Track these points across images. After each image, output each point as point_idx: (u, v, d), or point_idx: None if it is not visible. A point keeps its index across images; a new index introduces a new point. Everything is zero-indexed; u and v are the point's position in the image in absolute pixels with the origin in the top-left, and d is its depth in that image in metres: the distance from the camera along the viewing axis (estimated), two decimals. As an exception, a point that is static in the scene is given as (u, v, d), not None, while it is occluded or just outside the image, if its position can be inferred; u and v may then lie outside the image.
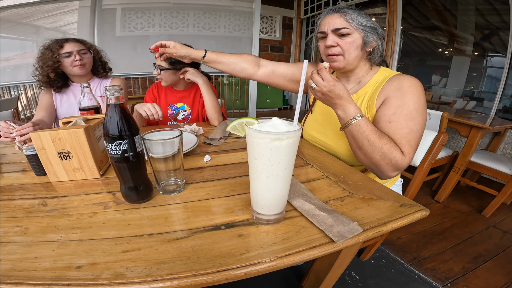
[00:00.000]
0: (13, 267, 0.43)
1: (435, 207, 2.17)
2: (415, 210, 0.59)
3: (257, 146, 0.49)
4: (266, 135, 0.47)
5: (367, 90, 0.97)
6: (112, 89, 0.54)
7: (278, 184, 0.52)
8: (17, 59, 3.25)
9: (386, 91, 0.89)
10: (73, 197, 0.66)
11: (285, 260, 0.45)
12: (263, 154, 0.49)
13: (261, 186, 0.53)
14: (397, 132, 0.81)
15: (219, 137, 1.13)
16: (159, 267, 0.43)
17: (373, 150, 0.80)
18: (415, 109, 0.82)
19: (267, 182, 0.52)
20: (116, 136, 0.55)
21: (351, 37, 0.91)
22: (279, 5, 4.98)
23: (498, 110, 2.77)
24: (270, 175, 0.51)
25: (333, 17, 0.92)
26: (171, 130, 0.67)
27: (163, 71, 1.43)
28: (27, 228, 0.54)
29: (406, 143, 0.80)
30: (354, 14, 0.90)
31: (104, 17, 3.31)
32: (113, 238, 0.50)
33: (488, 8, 2.85)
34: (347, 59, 0.94)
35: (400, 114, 0.82)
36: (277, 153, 0.49)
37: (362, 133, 0.80)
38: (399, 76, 0.91)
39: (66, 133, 0.70)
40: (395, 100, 0.85)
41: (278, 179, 0.52)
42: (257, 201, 0.55)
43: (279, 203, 0.55)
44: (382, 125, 0.84)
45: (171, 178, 0.67)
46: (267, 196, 0.53)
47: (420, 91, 0.85)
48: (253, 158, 0.51)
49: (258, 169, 0.52)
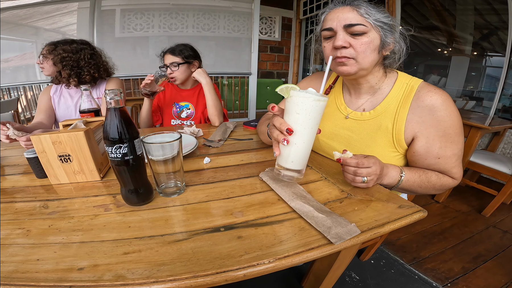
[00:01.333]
0: (16, 269, 0.44)
1: (434, 207, 2.17)
2: (413, 212, 0.60)
3: (302, 103, 0.61)
4: (311, 94, 0.60)
5: (388, 105, 0.83)
6: (112, 93, 0.55)
7: (310, 138, 0.64)
8: (16, 61, 3.25)
9: (418, 116, 0.79)
10: (74, 200, 0.67)
11: (283, 262, 0.45)
12: (305, 109, 0.61)
13: (297, 139, 0.63)
14: (446, 165, 0.80)
15: (218, 139, 1.14)
16: (160, 269, 0.43)
17: (428, 190, 0.82)
18: (456, 133, 0.78)
19: (303, 134, 0.63)
20: (116, 139, 0.56)
21: (368, 36, 0.73)
22: (278, 6, 4.98)
23: (497, 109, 2.77)
24: (307, 127, 0.62)
25: (344, 10, 0.74)
26: (171, 132, 0.68)
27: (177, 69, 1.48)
28: (29, 230, 0.54)
29: (456, 170, 0.81)
30: (369, 8, 0.73)
31: (103, 18, 3.31)
32: (114, 240, 0.51)
33: (487, 8, 2.86)
34: (360, 64, 0.76)
35: (446, 147, 0.78)
36: (315, 110, 0.61)
37: (412, 184, 0.79)
38: (427, 92, 0.78)
39: (67, 136, 0.70)
40: (434, 130, 0.77)
41: (310, 133, 0.63)
42: (289, 155, 0.65)
43: (306, 157, 0.66)
44: (432, 162, 0.80)
45: (171, 181, 0.67)
46: (300, 148, 0.64)
47: (453, 108, 0.77)
48: (295, 113, 0.62)
49: (298, 122, 0.62)
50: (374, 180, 0.69)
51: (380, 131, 0.84)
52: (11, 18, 3.03)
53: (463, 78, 3.18)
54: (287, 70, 5.16)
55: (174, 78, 1.51)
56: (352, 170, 0.68)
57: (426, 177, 0.79)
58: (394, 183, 0.77)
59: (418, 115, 0.79)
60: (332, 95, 0.99)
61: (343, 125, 0.92)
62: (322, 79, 1.11)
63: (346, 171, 0.70)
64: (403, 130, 0.81)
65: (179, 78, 1.53)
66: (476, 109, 3.05)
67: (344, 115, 0.92)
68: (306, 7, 4.76)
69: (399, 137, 0.82)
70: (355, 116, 0.89)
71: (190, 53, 1.52)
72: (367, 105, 0.88)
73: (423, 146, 0.79)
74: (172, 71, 1.48)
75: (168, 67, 1.48)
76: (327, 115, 0.97)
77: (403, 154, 0.85)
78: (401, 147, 0.83)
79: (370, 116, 0.86)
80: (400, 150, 0.84)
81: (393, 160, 0.85)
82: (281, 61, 5.17)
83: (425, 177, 0.79)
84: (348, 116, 0.91)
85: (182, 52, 1.48)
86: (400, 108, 0.81)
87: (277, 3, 4.90)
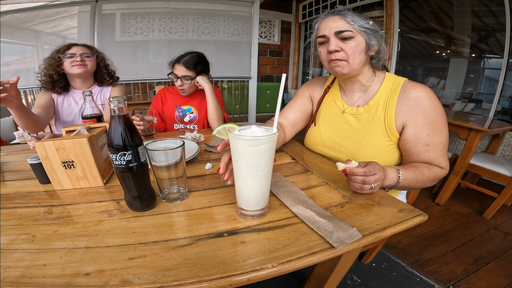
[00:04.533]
0: (23, 274, 0.44)
1: (435, 209, 2.18)
2: (414, 215, 0.60)
3: (237, 150, 0.55)
4: (243, 140, 0.53)
5: (379, 99, 0.94)
6: (116, 101, 0.55)
7: (257, 184, 0.58)
8: (17, 64, 3.26)
9: (406, 107, 0.88)
10: (78, 205, 0.68)
11: (286, 266, 0.46)
12: (242, 157, 0.55)
13: (241, 185, 0.59)
14: (435, 152, 0.88)
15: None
16: (165, 274, 0.44)
17: (424, 184, 0.88)
18: (441, 122, 0.87)
19: (246, 182, 0.58)
20: (120, 147, 0.57)
21: (355, 40, 0.86)
22: (278, 10, 5.01)
23: (496, 111, 2.78)
24: (249, 176, 0.57)
25: (333, 19, 0.87)
26: (173, 139, 0.69)
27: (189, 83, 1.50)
28: (34, 236, 0.55)
29: (443, 159, 0.89)
30: (354, 16, 0.86)
31: (104, 22, 3.32)
32: (119, 245, 0.51)
33: (484, 10, 2.87)
34: (351, 65, 0.89)
35: (433, 134, 0.87)
36: (254, 157, 0.54)
37: (410, 181, 0.84)
38: (412, 86, 0.89)
39: (70, 143, 0.71)
40: (421, 119, 0.87)
41: (256, 180, 0.57)
42: (240, 198, 0.61)
43: (259, 200, 0.60)
44: (422, 150, 0.88)
45: (174, 186, 0.68)
46: (248, 194, 0.59)
47: (436, 99, 0.87)
48: (235, 160, 0.58)
49: (239, 170, 0.58)
50: (379, 185, 0.72)
51: (373, 122, 0.94)
52: (12, 22, 3.04)
53: (462, 80, 3.19)
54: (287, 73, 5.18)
55: (183, 90, 1.52)
56: (361, 179, 0.69)
57: (420, 171, 0.86)
58: (394, 184, 0.82)
59: (406, 105, 0.89)
60: (331, 94, 1.10)
61: (341, 119, 1.02)
62: (322, 84, 1.15)
63: (353, 180, 0.70)
64: (393, 119, 0.90)
65: (187, 91, 1.55)
66: (476, 111, 3.06)
67: (342, 110, 1.03)
68: (305, 11, 4.80)
69: (391, 126, 0.91)
70: (351, 111, 1.00)
71: (203, 68, 1.52)
72: (361, 101, 0.99)
73: (413, 134, 0.88)
74: (182, 84, 1.49)
75: (180, 78, 1.48)
76: (327, 112, 1.08)
77: (396, 143, 0.93)
78: (394, 135, 0.92)
79: (364, 110, 0.97)
80: (393, 139, 0.92)
81: (387, 149, 0.93)
82: (280, 65, 5.19)
83: (419, 172, 0.85)
84: (344, 111, 1.02)
85: (197, 67, 1.48)
86: (390, 100, 0.91)
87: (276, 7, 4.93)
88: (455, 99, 3.25)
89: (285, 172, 0.88)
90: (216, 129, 1.03)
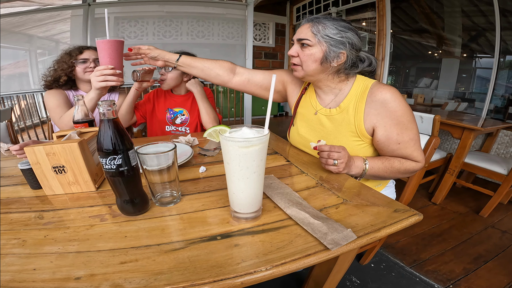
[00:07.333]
0: (13, 278, 0.43)
1: (432, 209, 2.18)
2: (409, 215, 0.60)
3: (228, 152, 0.54)
4: (234, 142, 0.53)
5: (349, 102, 0.96)
6: (105, 104, 0.55)
7: (249, 186, 0.57)
8: (10, 69, 3.23)
9: (374, 109, 0.91)
10: (69, 210, 0.66)
11: (280, 269, 0.46)
12: (233, 159, 0.54)
13: (234, 188, 0.58)
14: (408, 149, 0.92)
15: (213, 148, 1.14)
16: (157, 278, 0.43)
17: (394, 175, 0.95)
18: (408, 120, 0.90)
19: (238, 184, 0.57)
20: (110, 151, 0.56)
21: (310, 49, 0.90)
22: (272, 12, 5.04)
23: (489, 110, 2.81)
24: (240, 178, 0.56)
25: (304, 26, 0.92)
26: (165, 142, 0.68)
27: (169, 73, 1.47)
28: (25, 241, 0.54)
29: (417, 153, 0.93)
30: (323, 26, 0.88)
31: (97, 26, 3.30)
32: (111, 249, 0.50)
33: (474, 10, 2.91)
34: (305, 71, 0.94)
35: (402, 133, 0.90)
36: (245, 158, 0.54)
37: (378, 171, 0.92)
38: (378, 88, 0.91)
39: (61, 148, 0.70)
40: (389, 120, 0.90)
41: (248, 182, 0.57)
42: (233, 201, 0.60)
43: (253, 203, 0.59)
44: (394, 148, 0.92)
45: (167, 190, 0.67)
46: (241, 197, 0.58)
47: (401, 99, 0.90)
48: (226, 163, 0.57)
49: (230, 173, 0.57)
50: (344, 164, 0.83)
51: (344, 123, 0.98)
52: (4, 26, 3.01)
53: (454, 80, 3.23)
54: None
55: (162, 81, 1.50)
56: (326, 153, 0.83)
57: (389, 163, 0.93)
58: (361, 172, 0.92)
59: (373, 108, 0.92)
60: (307, 95, 1.12)
61: (316, 120, 1.06)
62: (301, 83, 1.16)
63: (321, 155, 0.85)
64: (362, 121, 0.94)
65: (167, 84, 1.51)
66: (469, 110, 3.09)
67: (315, 111, 1.06)
68: (299, 13, 4.83)
69: (360, 128, 0.95)
70: (325, 113, 1.03)
71: None
72: (332, 104, 1.02)
73: (383, 135, 0.92)
74: (164, 73, 1.47)
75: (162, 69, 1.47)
76: (304, 113, 1.11)
77: (369, 143, 0.98)
78: (364, 136, 0.96)
79: (336, 112, 1.00)
80: (364, 139, 0.97)
81: (358, 148, 0.98)
82: (275, 67, 5.22)
83: (388, 163, 0.93)
84: (317, 112, 1.05)
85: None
86: (358, 103, 0.95)
87: (270, 9, 4.95)
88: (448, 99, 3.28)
89: (279, 174, 0.87)
90: (207, 131, 1.03)
